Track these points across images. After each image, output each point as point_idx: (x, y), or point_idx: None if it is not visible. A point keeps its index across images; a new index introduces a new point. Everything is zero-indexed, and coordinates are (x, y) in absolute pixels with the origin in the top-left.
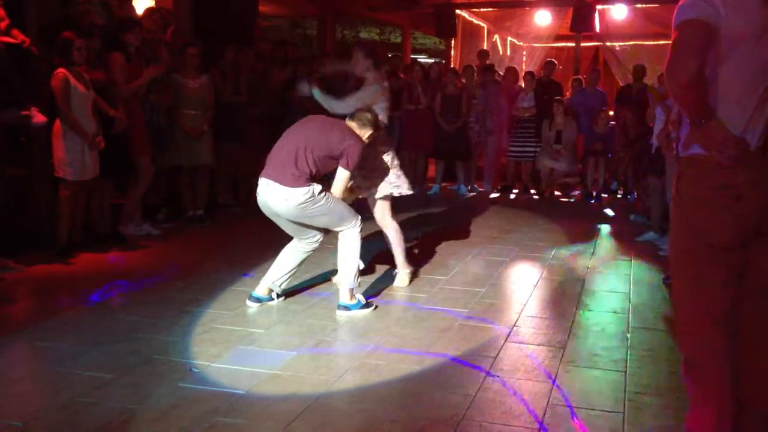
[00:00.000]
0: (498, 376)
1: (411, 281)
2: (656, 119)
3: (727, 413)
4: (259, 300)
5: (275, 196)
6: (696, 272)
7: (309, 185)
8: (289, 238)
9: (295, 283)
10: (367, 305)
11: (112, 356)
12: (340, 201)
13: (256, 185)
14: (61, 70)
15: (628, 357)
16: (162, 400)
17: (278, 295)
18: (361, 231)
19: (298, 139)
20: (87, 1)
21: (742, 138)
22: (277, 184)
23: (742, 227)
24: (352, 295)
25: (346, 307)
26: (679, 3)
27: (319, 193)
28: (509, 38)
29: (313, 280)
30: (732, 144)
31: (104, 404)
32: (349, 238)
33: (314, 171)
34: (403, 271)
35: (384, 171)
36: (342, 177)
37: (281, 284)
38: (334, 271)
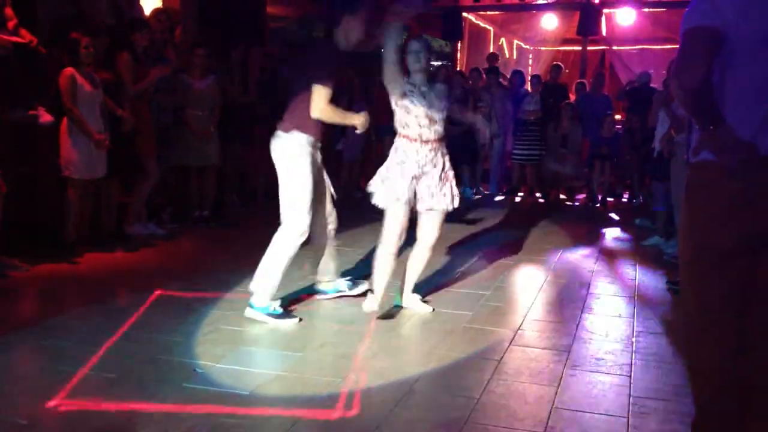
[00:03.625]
0: (502, 380)
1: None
2: (658, 123)
3: (731, 422)
4: (336, 290)
5: None
6: (704, 278)
7: None
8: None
9: (300, 284)
10: (282, 315)
11: (116, 356)
12: None
13: (262, 185)
14: (68, 69)
15: (633, 361)
16: (166, 400)
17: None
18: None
19: None
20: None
21: (752, 143)
22: None
23: (752, 234)
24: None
25: (250, 306)
26: (688, 9)
27: None
28: (516, 41)
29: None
30: (741, 149)
31: (108, 404)
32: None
33: None
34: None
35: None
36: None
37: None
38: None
